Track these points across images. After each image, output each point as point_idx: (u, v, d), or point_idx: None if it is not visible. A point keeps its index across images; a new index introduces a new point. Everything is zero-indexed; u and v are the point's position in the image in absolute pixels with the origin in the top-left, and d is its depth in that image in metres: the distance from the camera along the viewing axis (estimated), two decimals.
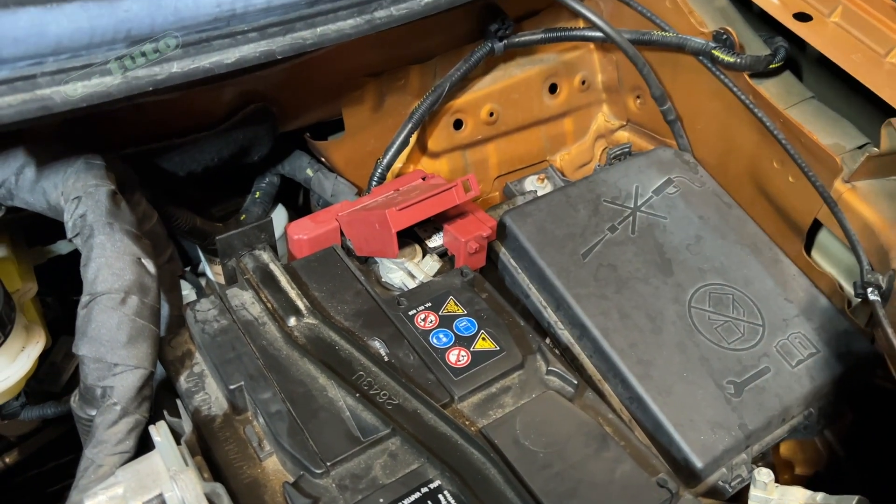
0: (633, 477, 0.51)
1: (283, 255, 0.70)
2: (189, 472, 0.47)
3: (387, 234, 0.61)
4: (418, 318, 0.60)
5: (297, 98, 0.80)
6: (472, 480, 0.50)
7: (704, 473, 0.61)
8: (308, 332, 0.58)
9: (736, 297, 0.70)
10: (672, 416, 0.61)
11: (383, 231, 0.62)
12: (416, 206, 0.62)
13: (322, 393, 0.54)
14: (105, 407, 0.52)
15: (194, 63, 0.54)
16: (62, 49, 0.49)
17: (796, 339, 0.68)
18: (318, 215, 0.68)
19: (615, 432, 0.55)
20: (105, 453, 0.52)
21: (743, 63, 0.75)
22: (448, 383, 0.56)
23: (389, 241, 0.62)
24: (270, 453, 0.53)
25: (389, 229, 0.61)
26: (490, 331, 0.59)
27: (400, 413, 0.53)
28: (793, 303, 0.71)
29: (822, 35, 0.71)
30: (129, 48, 0.52)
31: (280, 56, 0.58)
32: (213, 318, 0.60)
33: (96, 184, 0.58)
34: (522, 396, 0.56)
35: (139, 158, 0.71)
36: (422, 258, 0.67)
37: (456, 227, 0.66)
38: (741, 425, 0.62)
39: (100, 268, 0.54)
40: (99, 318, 0.53)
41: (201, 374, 0.59)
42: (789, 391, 0.65)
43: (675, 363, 0.64)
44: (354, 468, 0.51)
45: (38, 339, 0.62)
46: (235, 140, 0.77)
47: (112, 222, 0.56)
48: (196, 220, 0.79)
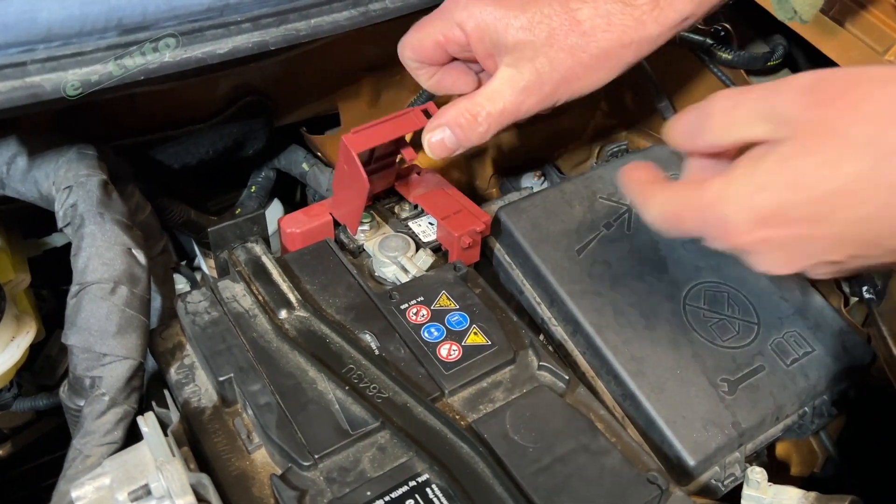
0: (623, 472, 0.51)
1: (277, 251, 0.70)
2: (175, 463, 0.47)
3: (353, 168, 0.59)
4: (410, 311, 0.60)
5: (293, 92, 0.80)
6: (461, 474, 0.49)
7: (697, 471, 0.60)
8: (299, 324, 0.58)
9: (731, 295, 0.69)
10: (665, 414, 0.61)
11: (349, 166, 0.60)
12: (373, 127, 0.60)
13: (311, 386, 0.54)
14: (93, 397, 0.52)
15: (187, 53, 0.54)
16: (53, 36, 0.49)
17: (791, 338, 0.68)
18: (311, 209, 0.68)
19: (607, 428, 0.55)
20: (93, 444, 0.52)
21: (741, 60, 0.75)
22: (439, 377, 0.55)
23: (357, 174, 0.59)
24: (259, 446, 0.53)
25: (352, 158, 0.59)
26: (482, 325, 0.59)
27: (390, 406, 0.53)
28: (788, 301, 0.70)
29: (820, 32, 0.71)
30: (120, 36, 0.51)
31: (273, 47, 0.58)
32: (204, 309, 0.60)
33: (88, 173, 0.57)
34: (513, 391, 0.56)
35: (133, 150, 0.71)
36: (415, 252, 0.66)
37: (449, 222, 0.66)
38: (734, 423, 0.62)
39: (90, 257, 0.54)
40: (88, 308, 0.53)
41: (192, 366, 0.59)
42: (783, 390, 0.65)
43: (669, 360, 0.64)
44: (343, 461, 0.51)
45: (29, 329, 0.62)
46: (230, 133, 0.77)
47: (103, 212, 0.56)
48: (191, 212, 0.79)
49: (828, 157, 0.41)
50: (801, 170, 0.42)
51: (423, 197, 0.69)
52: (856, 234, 0.43)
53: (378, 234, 0.68)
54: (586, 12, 0.56)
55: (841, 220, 0.42)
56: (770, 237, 0.44)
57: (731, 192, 0.44)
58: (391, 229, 0.69)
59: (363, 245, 0.68)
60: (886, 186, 0.40)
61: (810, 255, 0.45)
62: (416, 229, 0.69)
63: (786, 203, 0.42)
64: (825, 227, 0.42)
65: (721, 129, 0.46)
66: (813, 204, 0.42)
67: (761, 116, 0.43)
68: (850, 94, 0.41)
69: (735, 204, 0.44)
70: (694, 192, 0.46)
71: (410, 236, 0.68)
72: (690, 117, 0.48)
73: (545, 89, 0.57)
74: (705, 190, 0.45)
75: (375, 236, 0.68)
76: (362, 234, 0.67)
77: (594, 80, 0.58)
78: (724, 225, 0.45)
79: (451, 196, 0.69)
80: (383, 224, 0.69)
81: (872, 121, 0.40)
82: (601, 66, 0.57)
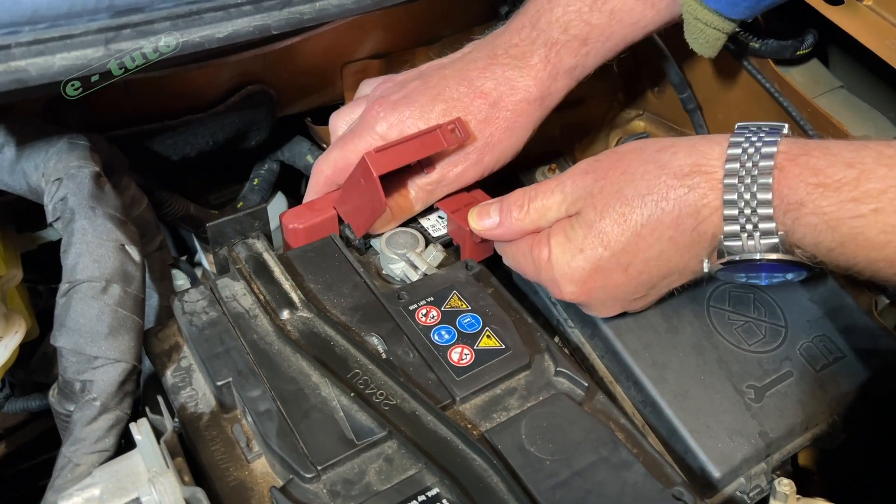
0: (646, 488, 0.47)
1: (279, 247, 0.67)
2: (168, 475, 0.44)
3: (371, 184, 0.58)
4: (419, 313, 0.57)
5: (297, 80, 0.77)
6: (474, 488, 0.46)
7: (721, 484, 0.57)
8: (302, 326, 0.55)
9: (757, 297, 0.66)
10: (688, 423, 0.58)
11: (367, 182, 0.58)
12: (396, 146, 0.59)
13: (315, 391, 0.51)
14: (84, 402, 0.49)
15: (183, 37, 0.51)
16: (39, 18, 0.46)
17: (820, 342, 0.65)
18: (314, 203, 0.65)
19: (627, 439, 0.52)
20: (83, 451, 0.49)
21: (769, 49, 0.71)
22: (449, 383, 0.52)
23: (375, 192, 0.58)
24: (259, 455, 0.50)
25: (371, 175, 0.57)
26: (495, 328, 0.56)
27: (397, 415, 0.50)
28: (817, 303, 0.67)
29: (855, 19, 0.67)
30: (112, 19, 0.48)
31: (276, 31, 0.54)
32: (202, 309, 0.57)
33: (79, 165, 0.54)
34: (529, 399, 0.53)
35: (129, 140, 0.68)
36: (424, 248, 0.63)
37: (460, 215, 0.63)
38: (762, 433, 0.58)
39: (80, 254, 0.51)
40: (78, 308, 0.50)
41: (189, 369, 0.56)
42: (813, 397, 0.61)
43: (692, 365, 0.61)
44: (347, 473, 0.48)
45: (19, 329, 0.59)
46: (232, 123, 0.74)
47: (95, 206, 0.53)
48: (190, 206, 0.76)
49: (618, 214, 0.53)
50: (604, 229, 0.54)
51: None
52: (656, 268, 0.54)
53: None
54: (490, 84, 0.63)
55: (642, 260, 0.54)
56: (592, 288, 0.56)
57: (555, 259, 0.56)
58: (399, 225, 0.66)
59: (370, 241, 0.64)
60: (666, 224, 0.52)
61: (628, 294, 0.57)
62: (425, 224, 0.66)
63: (600, 259, 0.54)
64: (633, 270, 0.54)
65: (533, 221, 0.58)
66: (620, 255, 0.54)
67: (559, 202, 0.57)
68: (618, 166, 0.54)
69: (560, 268, 0.56)
70: (531, 255, 0.58)
71: (420, 231, 0.65)
72: (494, 217, 0.61)
73: (472, 157, 0.64)
74: (538, 258, 0.57)
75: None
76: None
77: (514, 139, 0.65)
78: (556, 286, 0.57)
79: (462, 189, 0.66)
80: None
81: (638, 180, 0.52)
82: (516, 126, 0.65)
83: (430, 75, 0.65)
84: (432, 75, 0.65)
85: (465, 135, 0.61)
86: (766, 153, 0.48)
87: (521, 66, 0.63)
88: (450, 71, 0.65)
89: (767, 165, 0.48)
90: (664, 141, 0.54)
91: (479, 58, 0.65)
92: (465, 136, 0.61)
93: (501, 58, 0.64)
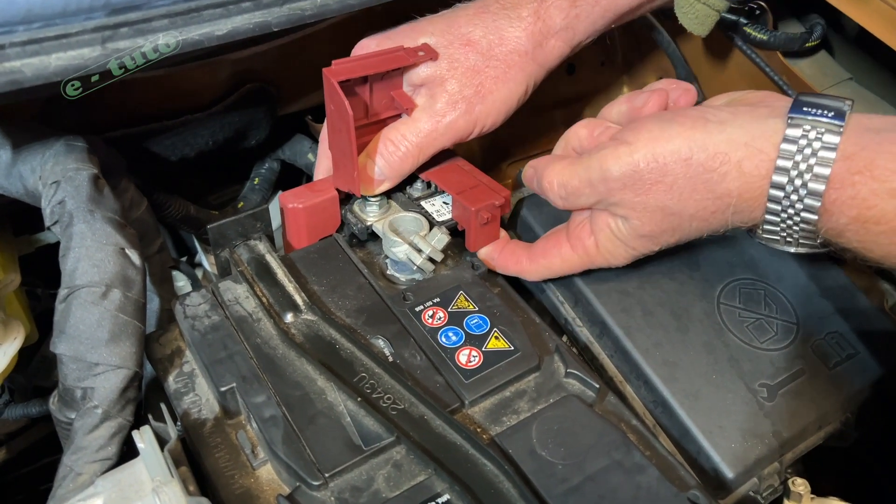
0: (661, 492, 0.46)
1: (282, 248, 0.66)
2: (172, 485, 0.43)
3: (337, 101, 0.56)
4: (426, 314, 0.55)
5: (298, 78, 0.76)
6: (484, 494, 0.45)
7: (735, 484, 0.56)
8: (306, 329, 0.54)
9: (768, 293, 0.65)
10: (701, 423, 0.57)
11: (334, 102, 0.57)
12: (357, 60, 0.58)
13: (320, 396, 0.50)
14: (85, 410, 0.48)
15: (182, 35, 0.50)
16: (34, 17, 0.45)
17: (833, 340, 0.63)
18: (315, 184, 0.62)
19: (640, 441, 0.51)
20: (85, 460, 0.48)
21: (776, 41, 0.70)
22: (458, 386, 0.51)
23: (341, 109, 0.56)
24: (265, 461, 0.49)
25: (334, 89, 0.55)
26: (503, 329, 0.55)
27: (405, 419, 0.49)
28: (828, 300, 0.66)
29: (865, 10, 0.66)
30: (108, 17, 0.47)
31: (277, 28, 0.53)
32: (205, 313, 0.55)
33: (77, 167, 0.53)
34: (539, 401, 0.52)
35: (127, 141, 0.66)
36: (428, 231, 0.61)
37: (465, 196, 0.60)
38: (775, 432, 0.57)
39: (79, 259, 0.50)
40: (78, 314, 0.49)
41: (191, 374, 0.55)
42: (826, 395, 0.60)
43: (703, 364, 0.60)
44: (355, 480, 0.47)
45: (17, 334, 0.58)
46: (231, 123, 0.73)
47: (93, 209, 0.52)
48: (190, 207, 0.75)
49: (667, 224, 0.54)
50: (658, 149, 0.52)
51: (436, 173, 0.64)
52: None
53: (388, 214, 0.63)
54: (478, 32, 0.61)
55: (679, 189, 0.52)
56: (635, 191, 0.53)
57: (609, 153, 0.53)
58: (402, 210, 0.64)
59: (372, 226, 0.62)
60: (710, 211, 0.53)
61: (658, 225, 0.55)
62: (429, 209, 0.64)
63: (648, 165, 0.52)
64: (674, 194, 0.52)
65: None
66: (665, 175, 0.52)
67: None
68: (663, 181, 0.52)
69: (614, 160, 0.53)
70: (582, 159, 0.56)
71: (424, 216, 0.63)
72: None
73: (460, 106, 0.61)
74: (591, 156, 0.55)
75: (385, 217, 0.63)
76: (371, 216, 0.63)
77: (506, 92, 0.62)
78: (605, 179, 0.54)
79: (467, 171, 0.64)
80: (394, 205, 0.64)
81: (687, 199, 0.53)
82: (507, 76, 0.62)
83: (418, 22, 0.64)
84: (420, 22, 0.64)
85: (431, 55, 0.60)
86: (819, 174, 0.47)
87: (512, 16, 0.61)
88: (438, 18, 0.63)
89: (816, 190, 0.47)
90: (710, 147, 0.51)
91: (469, 6, 0.63)
92: (431, 56, 0.60)
93: (492, 6, 0.62)
